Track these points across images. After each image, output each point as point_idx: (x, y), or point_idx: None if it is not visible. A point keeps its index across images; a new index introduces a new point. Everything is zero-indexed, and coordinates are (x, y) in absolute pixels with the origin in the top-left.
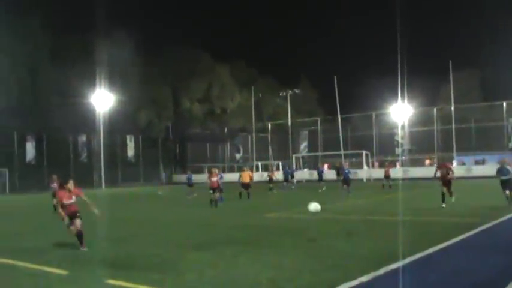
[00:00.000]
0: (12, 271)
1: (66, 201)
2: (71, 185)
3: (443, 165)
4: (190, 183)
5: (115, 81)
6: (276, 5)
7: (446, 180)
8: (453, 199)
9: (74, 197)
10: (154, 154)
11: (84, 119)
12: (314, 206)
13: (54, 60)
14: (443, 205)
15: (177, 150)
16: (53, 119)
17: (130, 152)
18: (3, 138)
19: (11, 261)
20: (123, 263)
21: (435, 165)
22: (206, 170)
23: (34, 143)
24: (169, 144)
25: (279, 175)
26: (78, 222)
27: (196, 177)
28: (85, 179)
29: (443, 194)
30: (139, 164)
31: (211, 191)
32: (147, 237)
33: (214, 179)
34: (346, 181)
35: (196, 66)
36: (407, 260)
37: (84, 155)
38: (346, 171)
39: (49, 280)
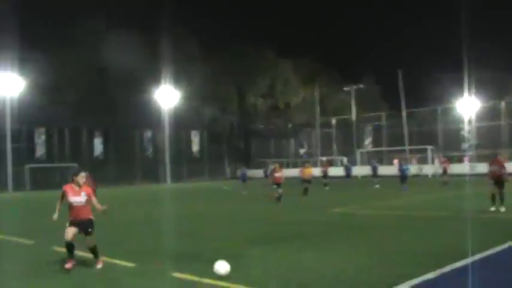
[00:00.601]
0: (82, 263)
1: (73, 199)
2: (81, 178)
3: (496, 161)
4: (244, 179)
5: (180, 77)
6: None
7: (497, 179)
8: (502, 208)
9: (84, 196)
10: (219, 149)
11: (150, 115)
12: (222, 268)
13: (121, 58)
14: (492, 208)
15: (242, 146)
16: (120, 114)
17: (195, 147)
18: (72, 134)
19: (82, 253)
20: (188, 257)
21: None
22: (269, 165)
23: (101, 139)
24: (234, 140)
25: (335, 170)
26: (88, 238)
27: (257, 173)
28: (151, 175)
29: (493, 196)
30: (204, 159)
31: (274, 186)
32: (212, 231)
33: (278, 174)
34: (403, 178)
35: (260, 62)
36: (475, 257)
37: (150, 150)
38: (404, 167)
39: (117, 272)
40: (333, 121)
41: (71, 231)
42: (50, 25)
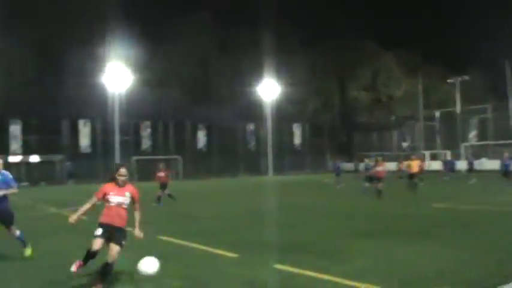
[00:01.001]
0: (187, 252)
1: (114, 199)
2: (122, 175)
3: None
4: (338, 173)
5: (282, 70)
6: None
7: None
8: None
9: (128, 197)
10: (320, 142)
11: (253, 108)
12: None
13: (225, 51)
14: None
15: (344, 139)
16: (223, 107)
17: (297, 140)
18: (176, 127)
19: (186, 243)
20: (290, 249)
21: None
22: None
23: (205, 131)
24: (336, 133)
25: (437, 165)
26: (114, 250)
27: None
28: (253, 167)
29: None
30: (305, 152)
31: (375, 181)
32: (314, 224)
33: (380, 168)
34: (507, 173)
35: (362, 54)
36: None
37: (252, 143)
38: (507, 162)
39: (220, 262)
40: (437, 114)
41: (99, 242)
42: (154, 20)
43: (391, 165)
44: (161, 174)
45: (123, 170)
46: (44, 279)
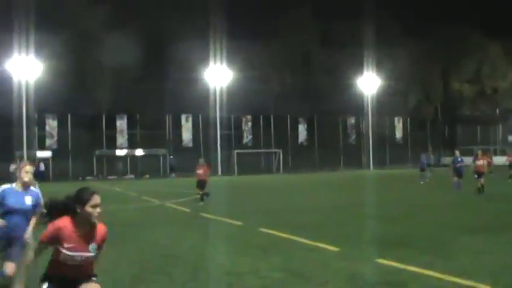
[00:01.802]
0: (288, 245)
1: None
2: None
3: None
4: (422, 168)
5: (383, 63)
6: None
7: None
8: None
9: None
10: (422, 136)
11: (354, 101)
12: None
13: (325, 45)
14: None
15: (446, 132)
16: (323, 101)
17: (399, 133)
18: (277, 120)
19: (287, 236)
20: (393, 243)
21: None
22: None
23: (306, 125)
24: (438, 126)
25: None
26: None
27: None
28: (353, 161)
29: None
30: (407, 145)
31: (476, 176)
32: (417, 218)
33: (480, 162)
34: None
35: (466, 45)
36: None
37: (353, 136)
38: None
39: (323, 255)
40: None
41: None
42: (256, 16)
43: (497, 160)
44: (200, 171)
45: (95, 199)
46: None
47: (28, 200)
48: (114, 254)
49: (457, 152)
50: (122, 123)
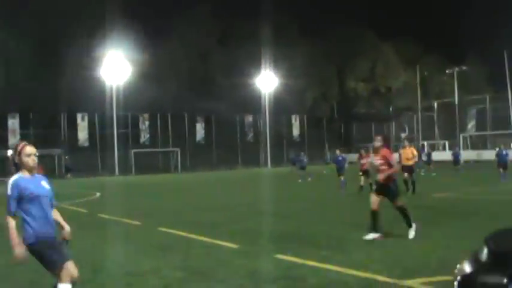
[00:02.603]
0: (187, 243)
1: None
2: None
3: None
4: (302, 166)
5: (280, 61)
6: None
7: None
8: None
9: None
10: (319, 134)
11: (251, 100)
12: None
13: (223, 43)
14: None
15: (342, 130)
16: (221, 100)
17: (296, 131)
18: (175, 119)
19: (187, 234)
20: (290, 239)
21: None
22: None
23: (203, 124)
24: (334, 124)
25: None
26: None
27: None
28: (251, 159)
29: None
30: (304, 143)
31: (360, 173)
32: (313, 214)
33: (363, 161)
34: (503, 164)
35: (361, 45)
36: None
37: (250, 135)
38: (504, 153)
39: (221, 252)
40: (435, 104)
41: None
42: (154, 13)
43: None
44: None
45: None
46: None
47: (45, 184)
48: (7, 258)
49: (338, 151)
50: (14, 123)
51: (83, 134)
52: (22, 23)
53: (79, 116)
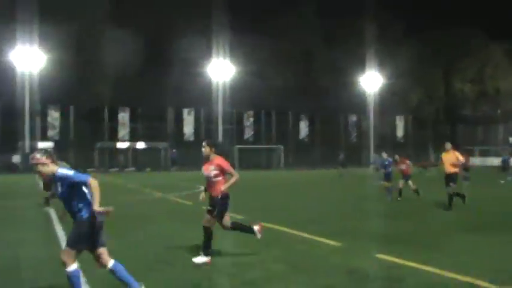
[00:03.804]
0: (291, 239)
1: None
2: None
3: None
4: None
5: (385, 61)
6: None
7: None
8: None
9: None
10: (423, 135)
11: (355, 99)
12: None
13: (327, 43)
14: None
15: (448, 132)
16: (325, 99)
17: (400, 132)
18: (279, 117)
19: (289, 230)
20: (393, 239)
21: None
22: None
23: (307, 122)
24: (440, 126)
25: None
26: None
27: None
28: (353, 159)
29: None
30: (408, 144)
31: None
32: (417, 215)
33: (403, 166)
34: None
35: (469, 45)
36: None
37: (354, 134)
38: None
39: (323, 250)
40: None
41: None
42: (260, 12)
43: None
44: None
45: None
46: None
47: (59, 187)
48: (116, 245)
49: (385, 154)
50: (124, 116)
51: (188, 129)
52: (134, 21)
53: (185, 111)
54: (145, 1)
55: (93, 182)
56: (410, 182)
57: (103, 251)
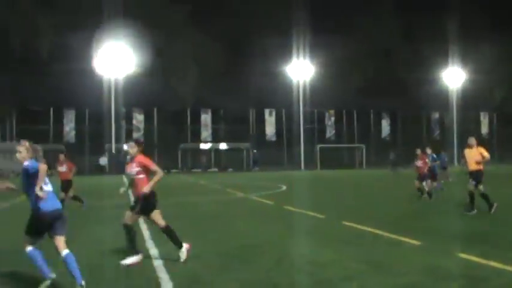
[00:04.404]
0: (371, 237)
1: None
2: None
3: None
4: (443, 166)
5: (468, 57)
6: None
7: None
8: None
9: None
10: (510, 132)
11: (437, 96)
12: None
13: (407, 40)
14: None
15: None
16: (406, 96)
17: (484, 129)
18: (360, 116)
19: (369, 229)
20: (476, 239)
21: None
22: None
23: (389, 120)
24: None
25: None
26: None
27: None
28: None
29: None
30: (493, 141)
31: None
32: (497, 215)
33: (420, 163)
34: None
35: None
36: None
37: (437, 132)
38: None
39: (404, 249)
40: None
41: None
42: (338, 10)
43: None
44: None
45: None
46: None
47: None
48: (200, 243)
49: (429, 149)
50: (206, 118)
51: (270, 129)
52: (215, 23)
53: (267, 111)
54: (225, 3)
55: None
56: (425, 183)
57: (59, 239)
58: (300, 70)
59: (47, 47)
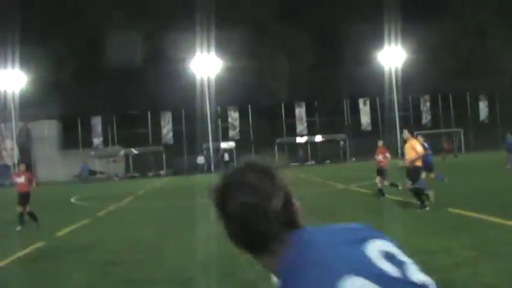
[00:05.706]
0: (479, 223)
1: None
2: None
3: None
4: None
5: None
6: None
7: None
8: None
9: None
10: None
11: None
12: None
13: (502, 17)
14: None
15: None
16: (504, 76)
17: None
18: (456, 99)
19: (476, 215)
20: None
21: None
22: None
23: (486, 102)
24: None
25: None
26: None
27: None
28: None
29: None
30: None
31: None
32: None
33: (380, 157)
34: None
35: None
36: None
37: None
38: None
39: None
40: None
41: None
42: None
43: None
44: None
45: None
46: None
47: None
48: None
49: (421, 138)
50: (300, 111)
51: (365, 119)
52: (302, 16)
53: (361, 101)
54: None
55: None
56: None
57: None
58: (392, 57)
59: (141, 54)
